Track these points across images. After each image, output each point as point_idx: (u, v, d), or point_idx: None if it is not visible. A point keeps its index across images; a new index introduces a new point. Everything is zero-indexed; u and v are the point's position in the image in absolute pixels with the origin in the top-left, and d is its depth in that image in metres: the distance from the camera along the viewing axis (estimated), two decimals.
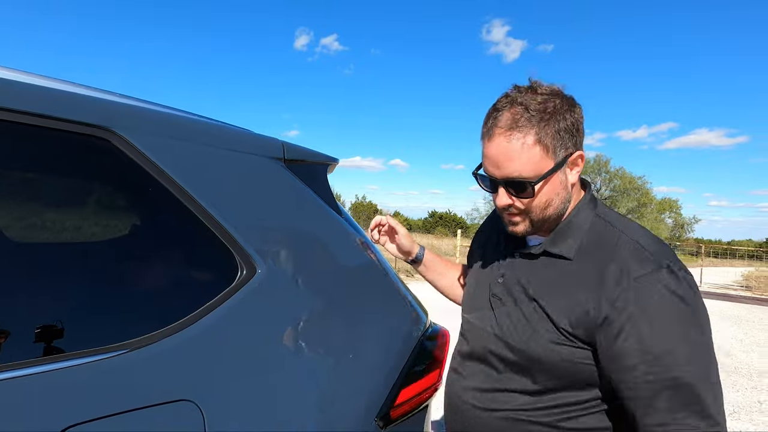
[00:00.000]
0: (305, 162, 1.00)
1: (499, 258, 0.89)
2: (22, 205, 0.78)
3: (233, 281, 0.79)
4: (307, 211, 0.95)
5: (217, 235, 0.79)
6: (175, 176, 0.76)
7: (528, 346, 0.77)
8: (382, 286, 1.02)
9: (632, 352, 0.68)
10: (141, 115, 0.77)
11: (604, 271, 0.72)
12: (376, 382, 0.90)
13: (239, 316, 0.78)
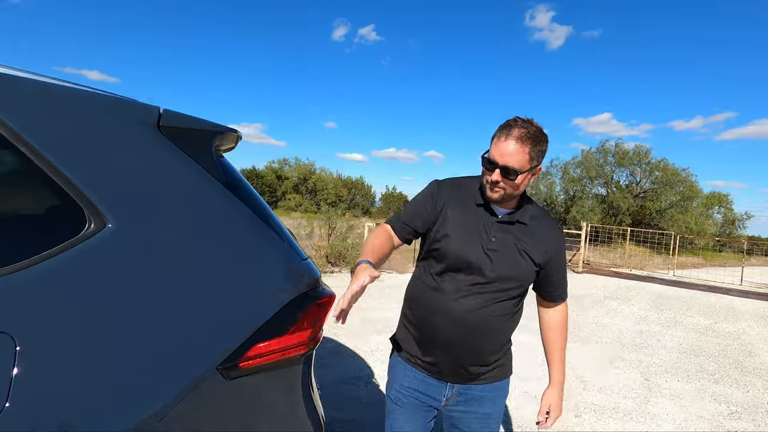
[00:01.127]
0: (185, 129, 1.06)
1: (484, 227, 1.36)
2: None
3: (79, 232, 0.86)
4: (176, 175, 1.01)
5: (63, 188, 0.86)
6: (28, 136, 0.84)
7: (517, 273, 1.34)
8: (250, 247, 1.06)
9: (561, 263, 1.44)
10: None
11: (545, 231, 1.40)
12: (226, 333, 0.96)
13: (81, 265, 0.85)
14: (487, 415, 1.43)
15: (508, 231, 1.36)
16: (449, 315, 1.32)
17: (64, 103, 0.92)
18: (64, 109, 0.91)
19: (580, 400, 3.35)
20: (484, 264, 1.31)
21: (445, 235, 1.35)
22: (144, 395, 0.85)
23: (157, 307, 0.90)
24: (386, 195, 37.33)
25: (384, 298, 6.44)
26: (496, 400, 1.44)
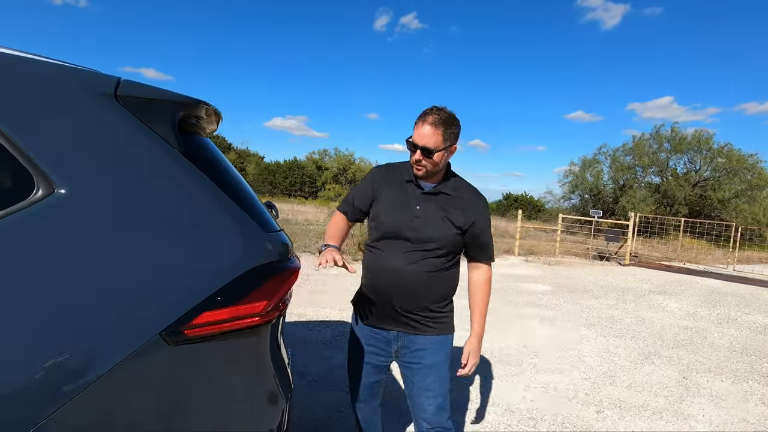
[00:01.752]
0: (144, 99, 1.06)
1: (409, 198, 1.63)
2: None
3: (26, 197, 0.89)
4: (131, 143, 1.01)
5: (17, 159, 0.89)
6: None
7: (439, 235, 1.58)
8: (204, 217, 1.05)
9: (483, 227, 1.64)
10: None
11: (467, 200, 1.64)
12: (172, 300, 0.95)
13: (28, 227, 0.87)
14: (429, 366, 1.63)
15: (431, 201, 1.62)
16: (387, 271, 1.61)
17: (17, 71, 0.94)
18: (15, 77, 0.93)
19: (605, 395, 3.16)
20: (411, 229, 1.59)
21: (380, 210, 1.65)
22: (85, 356, 0.86)
23: (102, 270, 0.91)
24: None
25: None
26: (436, 354, 1.63)
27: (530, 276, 8.20)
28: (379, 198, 1.67)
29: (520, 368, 3.54)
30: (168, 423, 0.97)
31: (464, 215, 1.60)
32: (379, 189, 1.68)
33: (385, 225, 1.62)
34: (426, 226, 1.58)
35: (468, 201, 1.63)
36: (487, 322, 1.69)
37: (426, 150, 1.53)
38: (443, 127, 1.53)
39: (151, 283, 0.95)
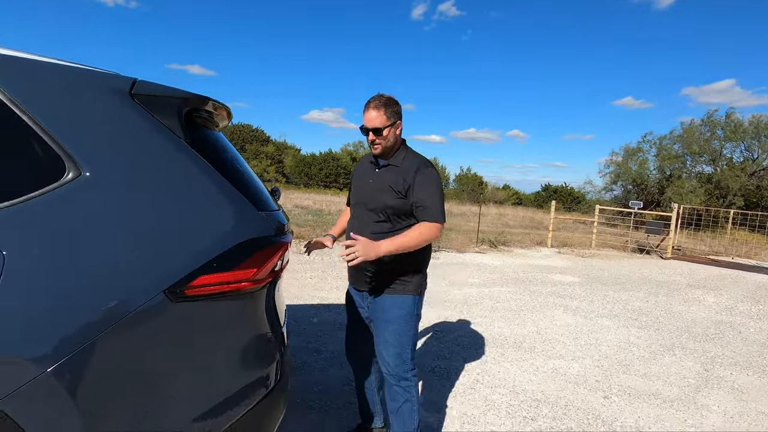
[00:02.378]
0: (154, 96, 1.25)
1: (368, 174, 1.95)
2: None
3: (60, 178, 1.10)
4: (144, 133, 1.21)
5: (52, 147, 1.10)
6: (24, 104, 1.08)
7: (386, 202, 1.85)
8: (204, 196, 1.23)
9: (419, 191, 1.83)
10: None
11: (409, 168, 1.86)
12: (175, 265, 1.14)
13: (61, 203, 1.08)
14: (387, 320, 1.89)
15: (382, 174, 1.91)
16: (348, 232, 1.90)
17: (51, 75, 1.15)
18: (50, 80, 1.14)
19: (615, 382, 3.16)
20: (367, 199, 1.92)
21: (351, 188, 2.08)
22: (113, 303, 1.06)
23: (120, 237, 1.11)
24: (460, 176, 36.59)
25: (436, 274, 6.49)
26: (393, 310, 1.89)
27: (559, 267, 8.06)
28: (353, 183, 2.06)
29: (532, 354, 3.59)
30: (172, 369, 1.16)
31: (404, 181, 1.83)
32: (354, 178, 2.08)
33: (353, 198, 2.03)
34: (375, 195, 1.88)
35: (410, 169, 1.85)
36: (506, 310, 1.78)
37: (376, 130, 1.83)
38: (384, 108, 1.83)
39: (158, 249, 1.14)
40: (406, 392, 1.90)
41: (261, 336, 1.33)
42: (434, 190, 1.84)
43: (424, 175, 1.83)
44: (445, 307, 4.76)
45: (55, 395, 0.99)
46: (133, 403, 1.09)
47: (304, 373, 2.90)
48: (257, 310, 1.32)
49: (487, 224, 16.63)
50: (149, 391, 1.11)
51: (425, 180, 1.83)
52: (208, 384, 1.21)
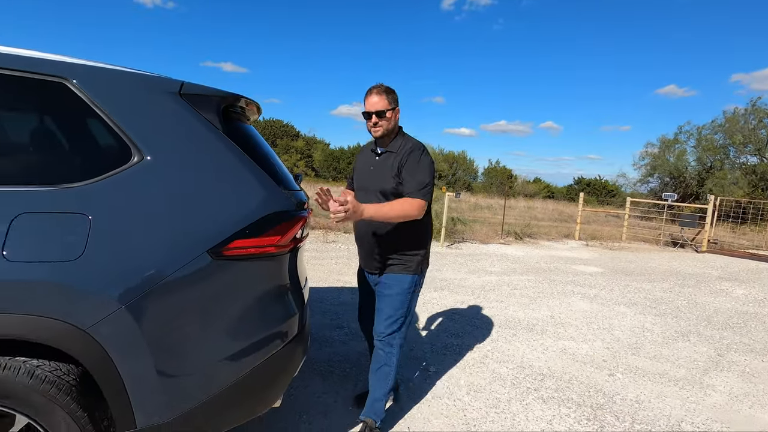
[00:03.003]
0: (198, 95, 1.54)
1: (369, 161, 2.14)
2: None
3: (128, 162, 1.40)
4: (190, 126, 1.50)
5: (122, 137, 1.40)
6: (102, 104, 1.39)
7: (386, 188, 2.02)
8: (237, 177, 1.51)
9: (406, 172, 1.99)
10: (82, 68, 1.41)
11: (403, 152, 2.02)
12: (216, 231, 1.42)
13: (131, 180, 1.38)
14: (386, 295, 2.11)
15: (382, 161, 2.09)
16: (359, 222, 2.10)
17: (121, 80, 1.46)
18: (120, 84, 1.45)
19: (623, 362, 3.29)
20: (368, 184, 2.11)
21: (353, 175, 2.27)
22: (169, 258, 1.35)
23: (174, 208, 1.41)
24: (489, 169, 36.20)
25: (456, 263, 6.67)
26: (394, 286, 2.09)
27: (583, 259, 8.05)
28: (354, 170, 2.27)
29: (543, 335, 3.75)
30: (213, 312, 1.44)
31: (398, 163, 2.00)
32: (355, 164, 2.28)
33: (355, 186, 2.21)
34: (375, 180, 2.07)
35: (404, 152, 2.02)
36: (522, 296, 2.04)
37: (379, 113, 2.01)
38: (386, 94, 2.04)
39: (202, 217, 1.43)
40: (387, 357, 2.10)
41: (284, 293, 1.61)
42: (422, 170, 1.96)
43: (414, 156, 1.99)
44: (463, 292, 4.96)
45: (126, 326, 1.29)
46: (184, 336, 1.39)
47: (328, 345, 3.20)
48: (281, 271, 1.60)
49: (515, 217, 16.51)
50: (196, 327, 1.41)
51: (414, 160, 1.98)
52: (241, 327, 1.49)
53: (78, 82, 1.38)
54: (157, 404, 1.36)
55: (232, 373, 1.47)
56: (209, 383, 1.44)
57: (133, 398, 1.33)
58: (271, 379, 1.59)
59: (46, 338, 1.23)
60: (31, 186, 1.30)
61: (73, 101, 1.38)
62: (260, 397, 1.59)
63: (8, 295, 1.20)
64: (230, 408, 1.51)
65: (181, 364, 1.39)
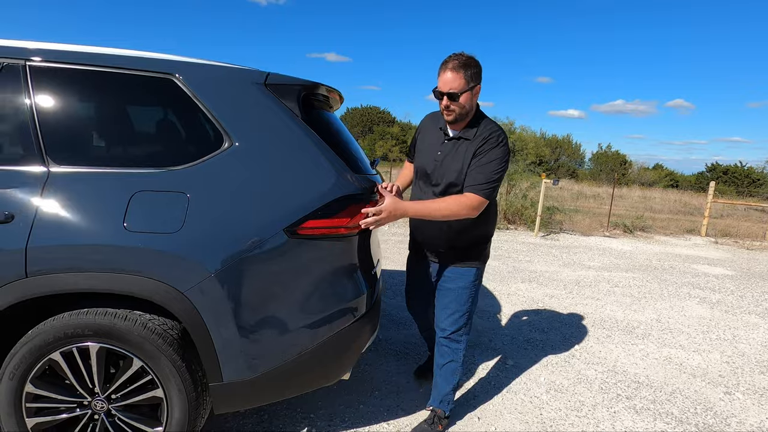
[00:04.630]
0: (281, 84, 1.66)
1: (437, 143, 1.89)
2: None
3: (221, 146, 1.57)
4: (273, 113, 1.62)
5: (215, 125, 1.57)
6: (200, 96, 1.57)
7: (455, 178, 1.81)
8: (314, 163, 1.60)
9: (478, 165, 1.77)
10: (185, 65, 1.61)
11: (479, 141, 1.78)
12: (291, 211, 1.53)
13: (223, 163, 1.55)
14: (449, 288, 1.97)
15: (451, 147, 1.84)
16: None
17: (214, 74, 1.62)
18: (214, 77, 1.62)
19: (745, 381, 2.79)
20: (432, 172, 1.88)
21: (414, 155, 2.03)
22: (251, 234, 1.50)
23: (256, 190, 1.55)
24: (598, 155, 32.86)
25: (550, 254, 6.26)
26: (456, 280, 1.95)
27: (709, 258, 6.94)
28: (417, 143, 2.02)
29: (645, 340, 3.35)
30: (289, 286, 1.57)
31: (473, 154, 1.76)
32: (418, 135, 2.04)
33: (416, 165, 1.99)
34: (442, 170, 1.83)
35: (480, 142, 1.77)
36: (623, 295, 2.32)
37: (451, 95, 1.70)
38: (464, 70, 1.69)
39: (280, 198, 1.55)
40: (454, 353, 1.99)
41: (354, 272, 1.68)
42: (493, 165, 1.73)
43: (488, 146, 1.75)
44: (553, 285, 4.64)
45: (215, 292, 1.47)
46: (264, 306, 1.53)
47: (406, 327, 3.26)
48: (352, 251, 1.67)
49: (626, 207, 14.86)
50: (274, 299, 1.54)
51: (488, 151, 1.75)
52: (314, 301, 1.59)
53: (182, 78, 1.58)
54: (240, 363, 1.54)
55: (304, 343, 1.59)
56: (284, 350, 1.57)
57: (221, 356, 1.51)
58: (340, 352, 1.68)
59: (153, 296, 1.45)
60: (144, 168, 1.53)
61: (178, 94, 1.58)
62: (329, 368, 1.69)
63: (126, 259, 1.44)
64: (302, 375, 1.64)
65: (261, 331, 1.54)
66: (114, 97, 1.59)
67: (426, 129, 1.98)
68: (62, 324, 1.47)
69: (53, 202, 1.45)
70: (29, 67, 1.53)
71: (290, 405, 2.16)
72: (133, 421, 1.56)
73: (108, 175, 1.51)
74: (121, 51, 1.61)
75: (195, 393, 1.54)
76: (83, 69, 1.55)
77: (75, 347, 1.49)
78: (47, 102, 1.53)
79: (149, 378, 1.52)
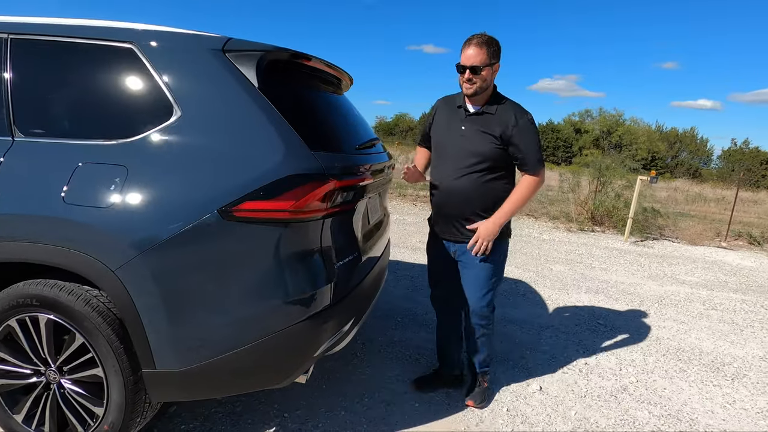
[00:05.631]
0: (241, 51, 1.50)
1: (457, 121, 1.94)
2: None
3: (168, 119, 1.45)
4: (226, 83, 1.46)
5: (167, 96, 1.46)
6: (156, 65, 1.48)
7: (482, 150, 1.86)
8: (264, 139, 1.41)
9: (521, 140, 1.85)
10: (145, 33, 1.52)
11: (507, 114, 1.85)
12: (230, 190, 1.36)
13: (166, 135, 1.44)
14: (476, 265, 1.96)
15: (476, 121, 1.90)
16: (440, 185, 1.97)
17: (171, 41, 1.51)
18: (171, 45, 1.51)
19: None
20: (456, 147, 1.92)
21: (433, 133, 2.07)
22: (185, 214, 1.36)
23: (197, 165, 1.41)
24: (730, 152, 27.81)
25: (636, 263, 5.35)
26: (484, 258, 1.94)
27: None
28: (433, 123, 2.06)
29: (734, 382, 2.60)
30: (222, 277, 1.40)
31: (501, 127, 1.84)
32: (434, 116, 2.07)
33: (436, 145, 2.03)
34: (468, 143, 1.88)
35: (508, 115, 1.85)
36: (721, 321, 2.49)
37: (474, 68, 1.81)
38: (486, 47, 1.81)
39: (218, 175, 1.39)
40: (485, 328, 2.08)
41: (310, 262, 1.46)
42: (534, 141, 1.87)
43: (523, 125, 1.85)
44: (626, 300, 3.90)
45: (143, 273, 1.36)
46: (197, 292, 1.40)
47: (426, 329, 2.95)
48: (306, 237, 1.45)
49: (759, 215, 12.37)
50: (204, 287, 1.40)
51: (525, 130, 1.85)
52: (254, 293, 1.42)
53: (142, 47, 1.50)
54: (171, 353, 1.42)
55: (241, 339, 1.42)
56: (218, 344, 1.42)
57: (152, 342, 1.41)
58: (288, 352, 1.48)
59: (83, 271, 1.40)
60: (96, 140, 1.47)
61: (137, 65, 1.50)
62: (275, 369, 1.51)
63: (60, 231, 1.40)
64: (242, 373, 1.48)
65: (192, 320, 1.41)
66: (74, 67, 1.56)
67: (442, 111, 2.04)
68: (15, 293, 1.49)
69: (8, 172, 1.47)
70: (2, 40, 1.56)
71: (268, 399, 2.03)
72: (80, 398, 1.55)
73: (63, 146, 1.49)
74: (82, 21, 1.58)
75: (133, 377, 1.47)
76: (49, 41, 1.55)
77: (27, 317, 1.51)
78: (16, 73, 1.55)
79: (90, 356, 1.48)
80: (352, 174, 1.64)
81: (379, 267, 2.15)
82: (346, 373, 2.32)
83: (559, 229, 7.41)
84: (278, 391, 2.07)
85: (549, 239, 6.42)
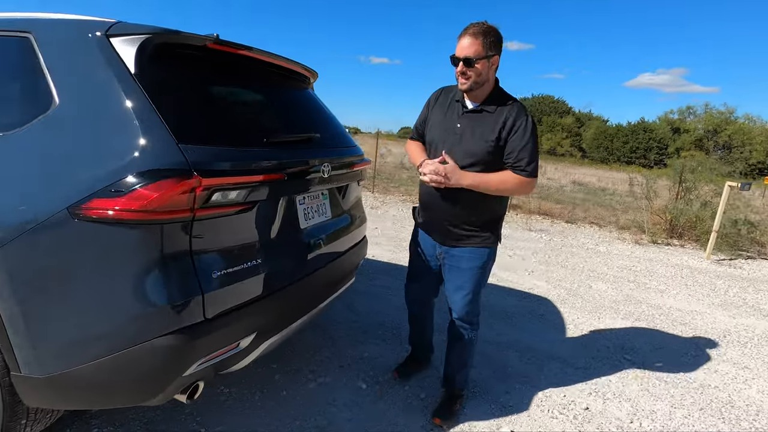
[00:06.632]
0: (125, 35, 1.39)
1: (455, 117, 1.80)
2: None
3: (49, 108, 1.37)
4: (100, 70, 1.35)
5: (50, 87, 1.38)
6: (44, 54, 1.41)
7: (477, 152, 1.72)
8: (125, 131, 1.27)
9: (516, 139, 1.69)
10: (40, 22, 1.46)
11: (505, 114, 1.71)
12: (82, 187, 1.24)
13: (36, 127, 1.35)
14: (462, 270, 1.87)
15: (473, 119, 1.75)
16: (428, 186, 1.78)
17: (58, 28, 1.44)
18: (57, 32, 1.43)
19: None
20: (452, 147, 1.75)
21: (428, 129, 1.90)
22: (37, 211, 1.25)
23: (56, 159, 1.31)
24: None
25: (711, 287, 4.44)
26: (471, 261, 1.85)
27: None
28: (429, 117, 1.90)
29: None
30: (73, 282, 1.26)
31: (499, 128, 1.69)
32: (430, 110, 1.91)
33: (430, 142, 1.87)
34: (463, 143, 1.74)
35: (508, 116, 1.70)
36: None
37: (468, 60, 1.64)
38: (482, 37, 1.63)
39: (71, 170, 1.28)
40: (468, 333, 1.98)
41: (172, 272, 1.28)
42: (532, 142, 1.71)
43: (521, 122, 1.70)
44: (675, 331, 3.18)
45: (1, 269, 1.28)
46: (48, 295, 1.29)
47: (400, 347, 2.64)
48: (161, 244, 1.27)
49: None
50: (58, 290, 1.28)
51: (523, 131, 1.70)
52: (108, 301, 1.27)
53: (37, 36, 1.44)
54: (32, 357, 1.33)
55: (96, 351, 1.29)
56: (74, 353, 1.30)
57: (14, 345, 1.33)
58: (147, 369, 1.31)
59: None
60: None
61: (30, 55, 1.44)
62: (137, 387, 1.36)
63: None
64: (106, 387, 1.35)
65: (45, 324, 1.30)
66: None
67: (439, 103, 1.89)
68: None
69: None
70: None
71: (193, 411, 1.90)
72: None
73: None
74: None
75: (9, 378, 1.41)
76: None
77: None
78: None
79: None
80: (248, 171, 1.44)
81: (325, 275, 1.92)
82: (293, 390, 2.12)
83: (624, 240, 6.49)
84: (204, 403, 1.93)
85: (605, 251, 5.62)
